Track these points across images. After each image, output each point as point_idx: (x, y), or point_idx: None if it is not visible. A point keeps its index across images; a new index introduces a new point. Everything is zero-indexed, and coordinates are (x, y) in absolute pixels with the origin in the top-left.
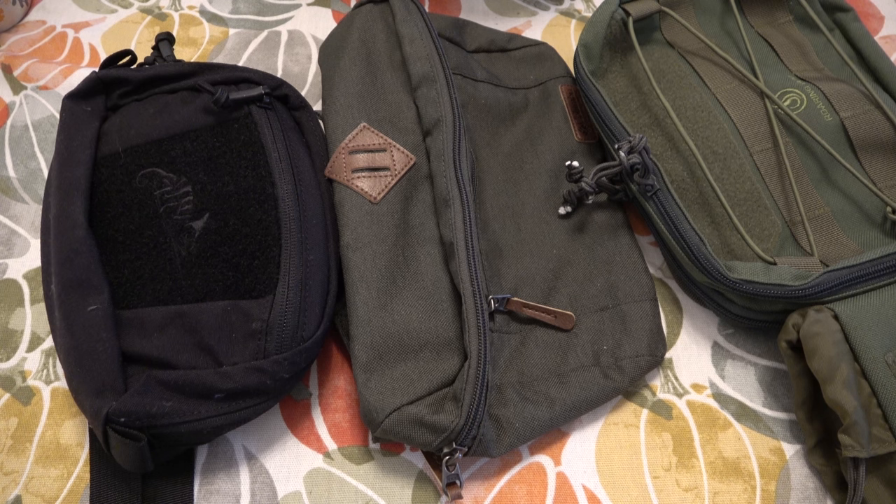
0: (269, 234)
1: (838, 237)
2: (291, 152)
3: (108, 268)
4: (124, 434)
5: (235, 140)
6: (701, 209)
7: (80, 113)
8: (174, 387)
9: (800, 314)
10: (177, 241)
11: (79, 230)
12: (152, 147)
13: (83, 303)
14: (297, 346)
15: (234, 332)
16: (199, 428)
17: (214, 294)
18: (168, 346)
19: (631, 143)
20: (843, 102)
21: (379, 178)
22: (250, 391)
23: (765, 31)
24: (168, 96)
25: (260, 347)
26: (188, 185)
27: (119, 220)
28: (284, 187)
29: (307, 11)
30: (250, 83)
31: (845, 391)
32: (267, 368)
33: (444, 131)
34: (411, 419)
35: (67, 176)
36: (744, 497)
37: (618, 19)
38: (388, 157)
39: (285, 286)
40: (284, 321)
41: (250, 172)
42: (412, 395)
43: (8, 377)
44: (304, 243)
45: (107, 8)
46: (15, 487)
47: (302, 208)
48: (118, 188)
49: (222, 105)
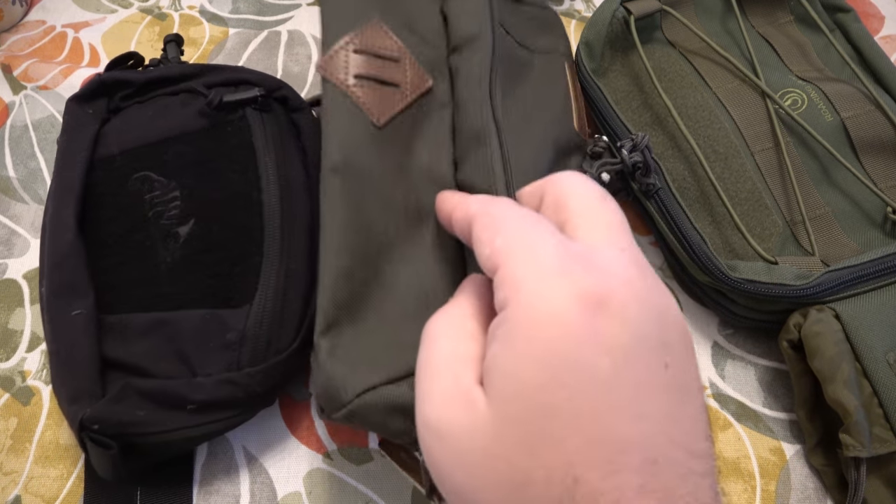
0: (252, 241)
1: (839, 237)
2: (283, 155)
3: (97, 272)
4: (96, 441)
5: (228, 143)
6: (702, 208)
7: (82, 115)
8: (149, 396)
9: (801, 314)
10: (163, 246)
11: (69, 234)
12: (147, 150)
13: (68, 307)
14: (272, 359)
15: (210, 341)
16: (170, 439)
17: (195, 302)
18: (147, 353)
19: (633, 142)
20: (843, 102)
21: (386, 93)
22: (222, 404)
23: (766, 31)
24: (169, 98)
25: (234, 359)
26: (177, 189)
27: (110, 223)
28: (271, 192)
29: (307, 11)
30: (250, 85)
31: (846, 391)
32: (239, 381)
33: (481, 50)
34: (388, 403)
35: (64, 178)
36: (744, 497)
37: (619, 18)
38: (402, 72)
39: (263, 296)
40: (259, 332)
41: (239, 177)
42: (393, 373)
43: (8, 377)
44: (287, 251)
45: (107, 8)
46: (14, 487)
47: (288, 215)
48: (111, 191)
49: (215, 107)
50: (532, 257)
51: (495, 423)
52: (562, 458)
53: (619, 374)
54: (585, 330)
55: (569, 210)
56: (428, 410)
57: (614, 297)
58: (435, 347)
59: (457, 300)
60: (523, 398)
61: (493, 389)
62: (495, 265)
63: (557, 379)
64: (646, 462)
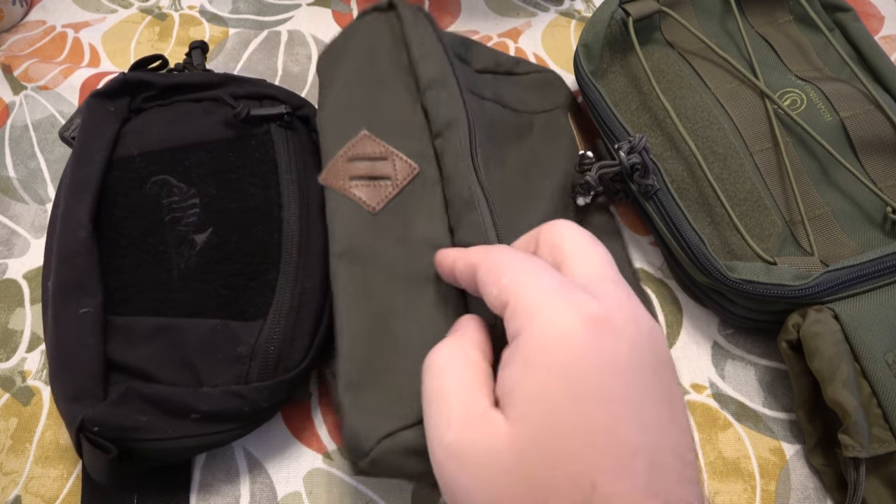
0: (269, 257)
1: (838, 237)
2: (305, 175)
3: (108, 271)
4: (95, 444)
5: (250, 156)
6: (701, 209)
7: (103, 112)
8: (153, 401)
9: (800, 314)
10: (177, 252)
11: (82, 231)
12: (167, 154)
13: (76, 304)
14: (280, 377)
15: (219, 352)
16: (170, 447)
17: (206, 311)
18: (153, 358)
19: (631, 143)
20: (843, 102)
21: (379, 187)
22: (226, 416)
23: (765, 31)
24: (191, 105)
25: (242, 372)
26: (196, 196)
27: (124, 224)
28: (291, 210)
29: (307, 11)
30: (274, 100)
31: (845, 391)
32: (246, 395)
33: (459, 130)
34: (404, 446)
35: (80, 174)
36: (744, 497)
37: (618, 19)
38: (390, 167)
39: (277, 312)
40: (270, 349)
41: (260, 191)
42: (408, 419)
43: (8, 377)
44: (303, 270)
45: (107, 8)
46: (14, 487)
47: (306, 234)
48: (128, 192)
49: (242, 119)
50: (539, 288)
51: (518, 442)
52: (581, 467)
53: (624, 388)
54: (594, 349)
55: (563, 251)
56: (447, 437)
57: (614, 319)
58: (443, 377)
59: (454, 336)
60: (545, 417)
61: (515, 410)
62: (504, 301)
63: (575, 396)
64: (649, 466)
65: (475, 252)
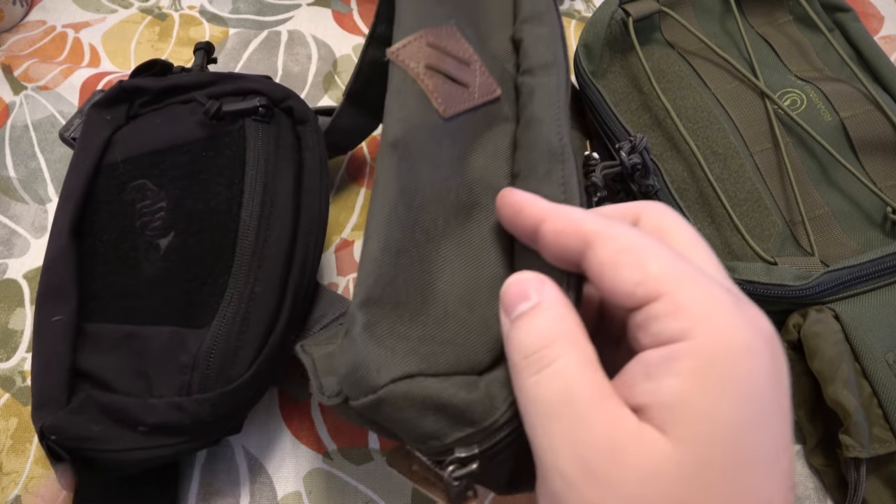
0: (223, 259)
1: (838, 237)
2: (274, 171)
3: (87, 278)
4: (52, 452)
5: (223, 155)
6: (701, 209)
7: (99, 121)
8: (107, 411)
9: (800, 314)
10: (145, 257)
11: (62, 239)
12: (147, 158)
13: (51, 312)
14: (220, 388)
15: (170, 361)
16: (122, 458)
17: (166, 318)
18: (113, 366)
19: (632, 143)
20: (843, 102)
21: (455, 90)
22: (170, 429)
23: (765, 31)
24: (180, 107)
25: (185, 383)
26: (164, 199)
27: (104, 230)
28: (251, 209)
29: (307, 11)
30: (257, 94)
31: (846, 391)
32: (187, 407)
33: (558, 74)
34: (427, 397)
35: (68, 184)
36: None
37: (618, 19)
38: (471, 75)
39: (220, 319)
40: (211, 357)
41: (224, 190)
42: (435, 367)
43: (8, 377)
44: (255, 273)
45: (107, 8)
46: (15, 487)
47: (263, 235)
48: (109, 198)
49: (213, 117)
50: (706, 289)
51: (684, 466)
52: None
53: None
54: (773, 371)
55: (676, 242)
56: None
57: (775, 335)
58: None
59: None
60: (721, 440)
61: (683, 430)
62: (655, 292)
63: (755, 419)
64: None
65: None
